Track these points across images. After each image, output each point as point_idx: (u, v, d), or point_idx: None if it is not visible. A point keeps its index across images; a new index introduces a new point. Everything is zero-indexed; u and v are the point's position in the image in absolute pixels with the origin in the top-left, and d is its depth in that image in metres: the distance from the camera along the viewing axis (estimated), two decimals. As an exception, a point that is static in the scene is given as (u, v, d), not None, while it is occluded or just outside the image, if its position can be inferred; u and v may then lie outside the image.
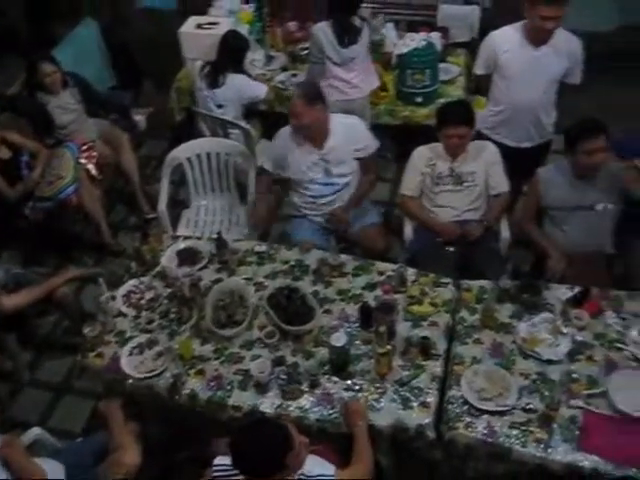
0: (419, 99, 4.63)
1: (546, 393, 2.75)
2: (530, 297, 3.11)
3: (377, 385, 2.84)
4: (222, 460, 2.42)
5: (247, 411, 2.82)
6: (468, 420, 2.71)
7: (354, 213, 3.80)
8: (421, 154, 3.73)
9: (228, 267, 3.40)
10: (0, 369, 3.94)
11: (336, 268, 3.32)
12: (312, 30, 4.41)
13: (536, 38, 3.64)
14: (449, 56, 5.02)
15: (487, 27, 4.24)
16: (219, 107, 4.53)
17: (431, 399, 2.78)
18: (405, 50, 4.56)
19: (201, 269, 3.41)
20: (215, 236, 3.47)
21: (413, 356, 2.91)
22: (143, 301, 3.28)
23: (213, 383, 2.91)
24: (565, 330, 2.98)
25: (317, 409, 2.79)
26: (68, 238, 4.74)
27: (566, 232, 3.55)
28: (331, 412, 2.77)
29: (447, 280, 3.25)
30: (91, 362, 3.07)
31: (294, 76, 4.92)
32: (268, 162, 3.84)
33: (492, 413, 2.71)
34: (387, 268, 3.34)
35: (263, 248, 3.52)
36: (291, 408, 2.80)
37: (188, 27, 5.03)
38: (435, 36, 4.84)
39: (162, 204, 4.11)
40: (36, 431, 2.99)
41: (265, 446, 2.19)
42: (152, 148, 5.50)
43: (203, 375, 2.95)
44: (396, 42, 4.86)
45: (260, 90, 4.57)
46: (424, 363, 2.90)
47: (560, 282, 3.27)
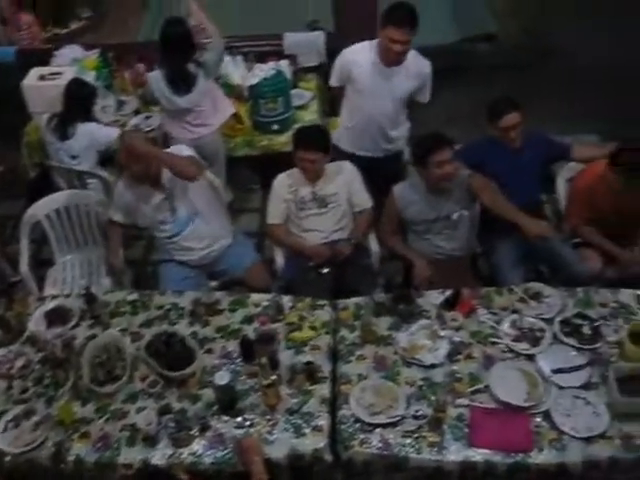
0: (275, 127, 4.69)
1: (432, 397, 2.82)
2: (405, 307, 3.18)
3: (268, 417, 2.82)
4: None
5: (139, 467, 2.72)
6: (362, 437, 2.73)
7: (233, 256, 3.81)
8: (281, 182, 3.76)
9: (101, 321, 3.29)
10: None
11: (211, 306, 3.28)
12: (147, 77, 4.37)
13: (387, 58, 3.77)
14: (300, 81, 5.13)
15: (334, 50, 4.36)
16: (73, 158, 4.39)
17: (323, 422, 2.79)
18: (255, 81, 4.63)
19: (73, 327, 3.27)
20: (83, 291, 3.35)
21: (300, 383, 2.90)
22: (14, 370, 3.10)
23: (99, 444, 2.78)
24: (442, 333, 3.08)
25: (210, 452, 2.73)
26: None
27: (430, 240, 3.69)
28: (225, 453, 2.72)
29: (323, 302, 3.28)
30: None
31: (148, 118, 4.87)
32: (117, 213, 3.78)
33: (384, 426, 2.74)
34: (262, 299, 3.34)
35: (135, 296, 3.43)
36: (184, 455, 2.72)
37: (30, 79, 4.88)
38: (284, 64, 4.96)
39: (24, 265, 3.94)
40: None
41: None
42: (8, 208, 5.23)
43: (88, 437, 2.81)
44: (245, 74, 4.91)
45: (113, 134, 4.43)
46: (311, 388, 2.90)
47: (430, 288, 3.37)
